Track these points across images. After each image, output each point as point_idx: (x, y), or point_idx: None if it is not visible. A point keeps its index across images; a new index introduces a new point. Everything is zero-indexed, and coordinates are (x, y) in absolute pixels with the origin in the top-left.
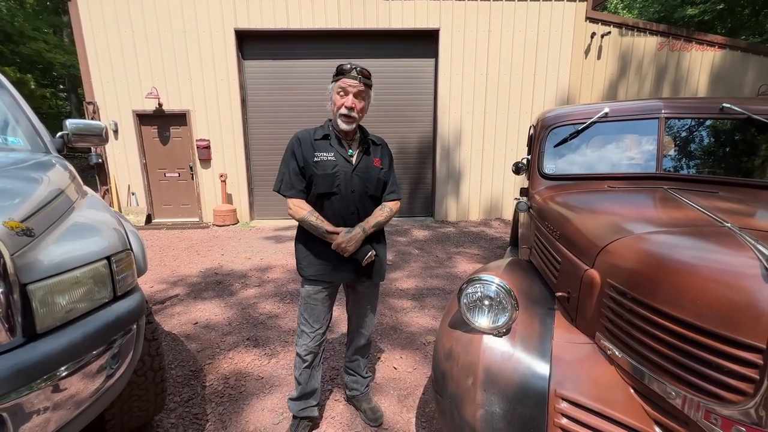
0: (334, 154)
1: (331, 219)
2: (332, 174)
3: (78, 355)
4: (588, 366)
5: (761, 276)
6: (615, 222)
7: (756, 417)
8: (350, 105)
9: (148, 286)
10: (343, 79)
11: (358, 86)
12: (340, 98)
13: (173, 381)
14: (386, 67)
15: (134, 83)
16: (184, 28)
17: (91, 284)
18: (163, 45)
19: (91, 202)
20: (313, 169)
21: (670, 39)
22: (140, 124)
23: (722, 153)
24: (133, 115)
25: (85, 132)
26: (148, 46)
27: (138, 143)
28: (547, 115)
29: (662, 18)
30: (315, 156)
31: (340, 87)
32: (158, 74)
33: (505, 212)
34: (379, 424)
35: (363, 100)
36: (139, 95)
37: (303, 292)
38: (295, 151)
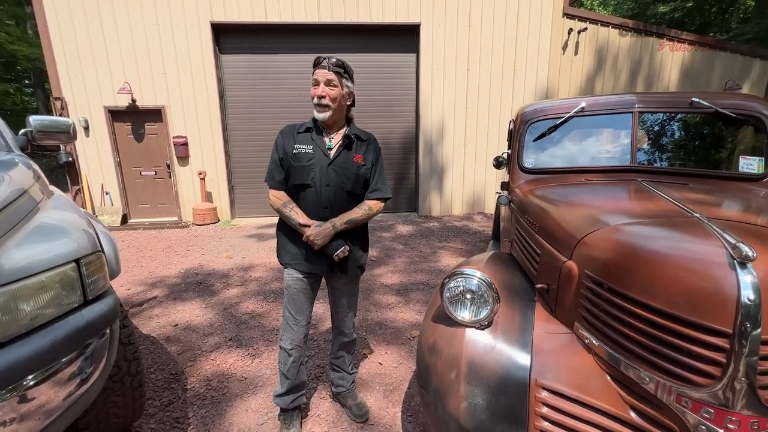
0: (313, 146)
1: (305, 211)
2: (307, 166)
3: (46, 362)
4: (567, 355)
5: (727, 264)
6: (591, 214)
7: (723, 398)
8: (320, 93)
9: (125, 288)
10: (316, 70)
11: (327, 74)
12: (313, 89)
13: (152, 385)
14: (368, 62)
15: (105, 78)
16: (157, 21)
17: (59, 289)
18: (135, 38)
19: (57, 203)
20: (291, 160)
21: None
22: (113, 121)
23: (692, 146)
24: (104, 112)
25: (51, 129)
26: (119, 39)
27: (111, 140)
28: (526, 110)
29: (636, 15)
30: (294, 148)
31: (313, 79)
32: (131, 69)
33: (488, 206)
34: (364, 420)
35: (335, 87)
36: (110, 90)
37: (286, 282)
38: (278, 143)
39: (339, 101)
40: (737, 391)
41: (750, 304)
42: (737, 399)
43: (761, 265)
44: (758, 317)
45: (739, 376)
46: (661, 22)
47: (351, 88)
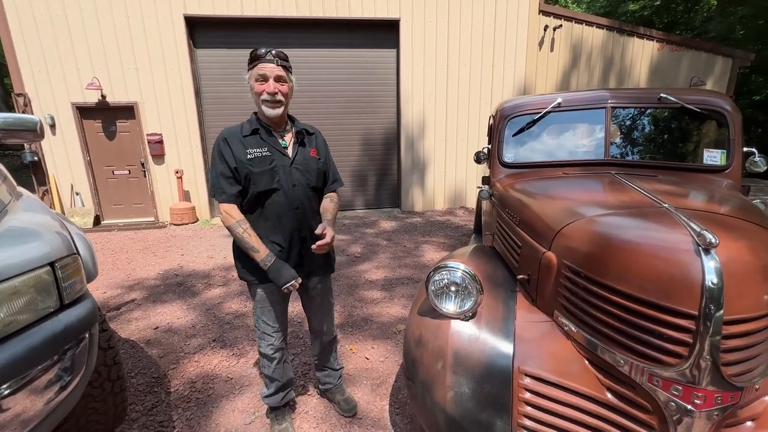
0: (268, 148)
1: (275, 216)
2: (271, 170)
3: (22, 370)
4: (548, 342)
5: (693, 251)
6: (568, 207)
7: (690, 376)
8: (272, 90)
9: (101, 292)
10: (260, 64)
11: (277, 69)
12: (259, 85)
13: (134, 390)
14: (348, 58)
15: (72, 73)
16: (126, 13)
17: (33, 293)
18: (104, 31)
19: (27, 204)
20: (249, 167)
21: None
22: (81, 118)
23: (661, 140)
24: (72, 108)
25: (15, 127)
26: (86, 32)
27: (80, 139)
28: (505, 105)
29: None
30: (248, 153)
31: (258, 74)
32: (99, 63)
33: (469, 201)
34: (353, 414)
35: (284, 83)
36: (78, 86)
37: (257, 297)
38: (224, 153)
39: (288, 97)
40: (702, 369)
41: (713, 288)
42: (703, 376)
43: (723, 250)
44: (721, 300)
45: (704, 354)
46: (632, 20)
47: (293, 83)
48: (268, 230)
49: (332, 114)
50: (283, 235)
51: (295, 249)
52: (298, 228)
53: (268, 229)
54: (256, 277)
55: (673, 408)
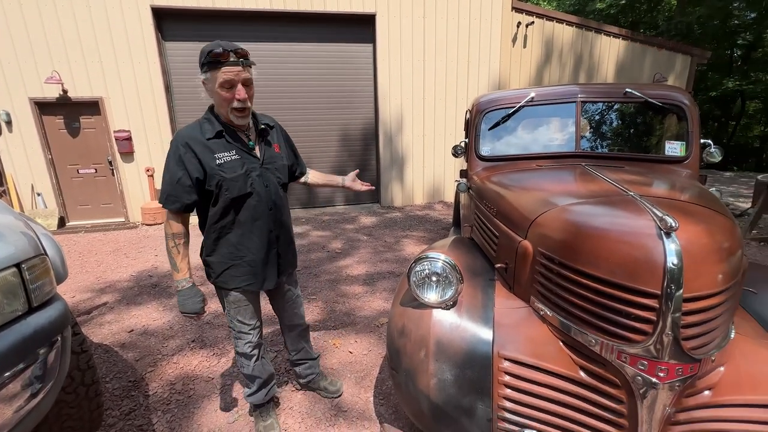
0: (237, 151)
1: (249, 221)
2: (243, 174)
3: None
4: (525, 327)
5: (656, 235)
6: (542, 197)
7: (654, 351)
8: (243, 97)
9: (69, 296)
10: (224, 68)
11: (244, 72)
12: (226, 92)
13: (110, 395)
14: (324, 52)
15: (28, 66)
16: (87, 3)
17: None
18: (63, 22)
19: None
20: (221, 173)
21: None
22: (41, 114)
23: (627, 133)
24: (30, 104)
25: None
26: (43, 22)
27: (40, 136)
28: (481, 100)
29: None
30: (216, 158)
31: (224, 79)
32: (59, 56)
33: (447, 195)
34: (341, 394)
35: (251, 86)
36: (36, 80)
37: (230, 299)
38: (185, 160)
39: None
40: (665, 344)
41: (674, 268)
42: (665, 351)
43: (683, 234)
44: (681, 279)
45: (666, 330)
46: (599, 18)
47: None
48: (244, 236)
49: (309, 109)
50: (260, 238)
51: (273, 249)
52: (273, 228)
53: (244, 235)
54: (230, 280)
55: (639, 382)
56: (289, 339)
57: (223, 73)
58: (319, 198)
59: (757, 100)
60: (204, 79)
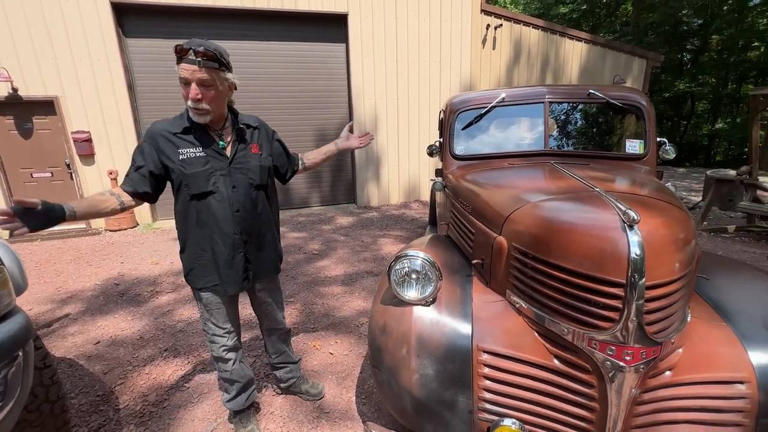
0: (203, 148)
1: (212, 223)
2: (204, 171)
3: None
4: (502, 320)
5: (620, 227)
6: (515, 194)
7: (621, 337)
8: (195, 97)
9: (26, 308)
10: (182, 65)
11: (199, 72)
12: (183, 89)
13: (76, 410)
14: (296, 51)
15: None
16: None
17: None
18: (10, 16)
19: None
20: (181, 168)
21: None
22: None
23: (591, 132)
24: None
25: None
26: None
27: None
28: (454, 101)
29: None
30: (180, 153)
31: (181, 76)
32: (7, 52)
33: (423, 194)
34: (322, 396)
35: (211, 87)
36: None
37: (203, 301)
38: (145, 152)
39: (220, 101)
40: (630, 330)
41: (637, 258)
42: (631, 336)
43: (644, 226)
44: (643, 268)
45: (631, 317)
46: (563, 22)
47: (231, 79)
48: (207, 238)
49: (282, 109)
50: (224, 240)
51: (239, 254)
52: (240, 232)
53: (207, 236)
54: (196, 280)
55: (608, 366)
56: (269, 342)
57: (181, 69)
58: (294, 199)
59: (705, 100)
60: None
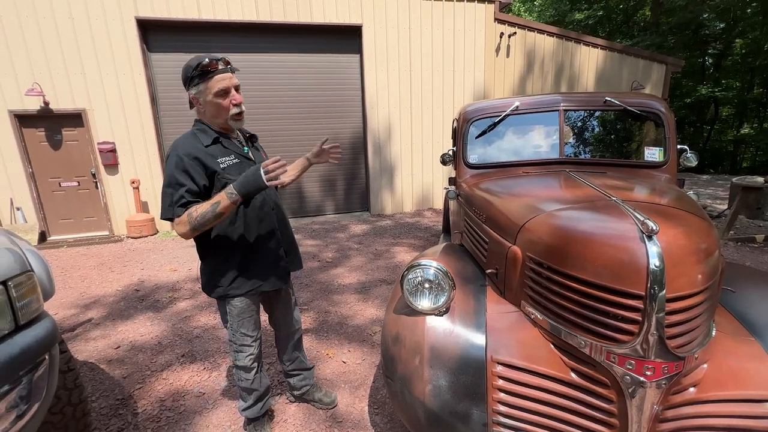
0: (235, 155)
1: (256, 222)
2: None
3: None
4: (516, 331)
5: (638, 238)
6: (530, 203)
7: (641, 351)
8: (238, 101)
9: (52, 312)
10: (217, 77)
11: (233, 79)
12: (223, 100)
13: (97, 414)
14: (311, 63)
15: (8, 79)
16: (70, 14)
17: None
18: (44, 33)
19: None
20: (227, 175)
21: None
22: (21, 127)
23: (608, 139)
24: (10, 116)
25: None
26: (24, 34)
27: (20, 149)
28: (468, 109)
29: (556, 21)
30: (220, 163)
31: (220, 88)
32: (40, 68)
33: (437, 202)
34: (335, 405)
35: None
36: (15, 92)
37: (234, 311)
38: (189, 169)
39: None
40: (651, 343)
41: (656, 270)
42: (651, 350)
43: (663, 236)
44: (663, 280)
45: (651, 330)
46: (578, 29)
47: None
48: (253, 239)
49: (297, 119)
50: (268, 237)
51: (280, 248)
52: (278, 227)
53: (252, 238)
54: (243, 285)
55: (628, 381)
56: (283, 348)
57: (217, 81)
58: (309, 207)
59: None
60: (195, 93)
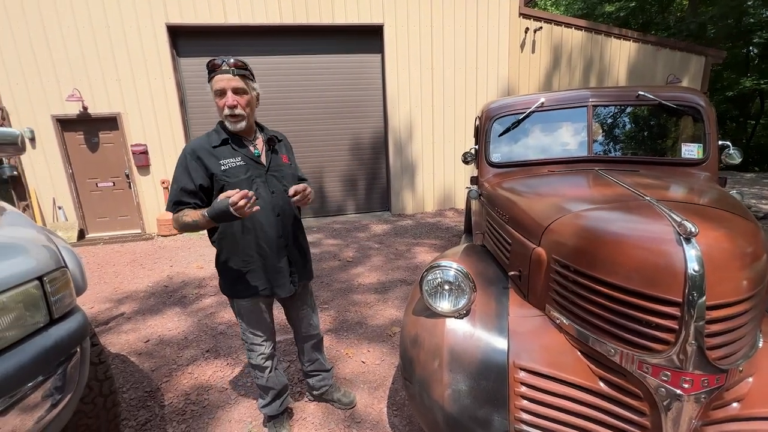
0: (242, 158)
1: (258, 227)
2: (246, 179)
3: (12, 388)
4: (540, 336)
5: (674, 240)
6: (555, 203)
7: (677, 361)
8: (231, 103)
9: (88, 306)
10: (216, 77)
11: (234, 80)
12: (219, 100)
13: (126, 405)
14: (332, 63)
15: (51, 85)
16: (107, 23)
17: (21, 308)
18: (83, 42)
19: (11, 219)
20: (225, 178)
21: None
22: (62, 130)
23: (641, 136)
24: (52, 121)
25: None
26: (65, 43)
27: (61, 151)
28: (491, 107)
29: (585, 14)
30: (221, 165)
31: (216, 88)
32: (80, 74)
33: (458, 202)
34: (354, 405)
35: (245, 93)
36: (57, 98)
37: (242, 311)
38: (190, 168)
39: (251, 107)
40: (689, 354)
41: (695, 275)
42: (689, 361)
43: (703, 239)
44: (703, 286)
45: (689, 340)
46: (608, 21)
47: (257, 90)
48: (253, 244)
49: (320, 119)
50: (270, 245)
51: (283, 256)
52: (282, 235)
53: (252, 243)
54: (243, 289)
55: (663, 393)
56: (302, 349)
57: (216, 81)
58: (330, 206)
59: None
60: (209, 89)
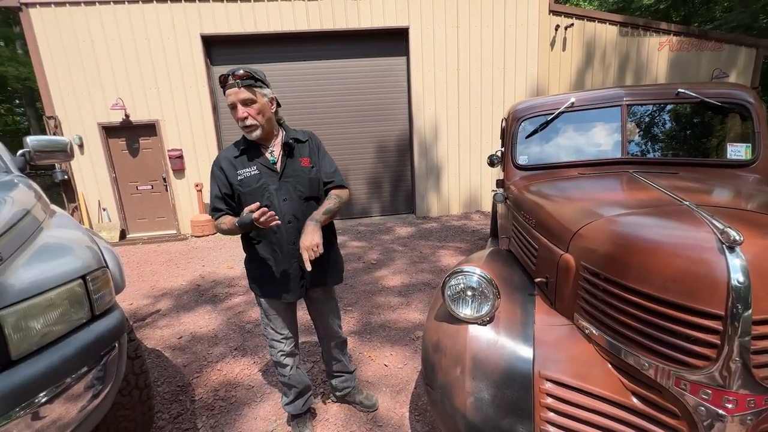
0: (257, 166)
1: (270, 233)
2: (259, 188)
3: (58, 379)
4: (568, 346)
5: (716, 249)
6: (586, 207)
7: (720, 379)
8: (242, 116)
9: (128, 303)
10: (227, 92)
11: (241, 92)
12: (234, 113)
13: (160, 398)
14: (358, 67)
15: (97, 95)
16: (147, 36)
17: (67, 305)
18: (126, 54)
19: (60, 221)
20: (239, 188)
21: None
22: (107, 137)
23: (681, 136)
24: (98, 128)
25: (48, 148)
26: (110, 55)
27: (106, 157)
28: (518, 108)
29: (621, 8)
30: (238, 175)
31: (228, 103)
32: (122, 84)
33: (484, 204)
34: (376, 408)
35: (253, 103)
36: (103, 107)
37: (262, 307)
38: (215, 177)
39: (264, 114)
40: (732, 372)
41: (740, 287)
42: (733, 379)
43: (749, 248)
44: (748, 298)
45: (733, 356)
46: (647, 15)
47: (270, 95)
48: (268, 250)
49: (345, 122)
50: (280, 250)
51: (294, 263)
52: (293, 241)
53: (267, 248)
54: (258, 288)
55: (703, 413)
56: (325, 350)
57: (227, 96)
58: (355, 208)
59: None
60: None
